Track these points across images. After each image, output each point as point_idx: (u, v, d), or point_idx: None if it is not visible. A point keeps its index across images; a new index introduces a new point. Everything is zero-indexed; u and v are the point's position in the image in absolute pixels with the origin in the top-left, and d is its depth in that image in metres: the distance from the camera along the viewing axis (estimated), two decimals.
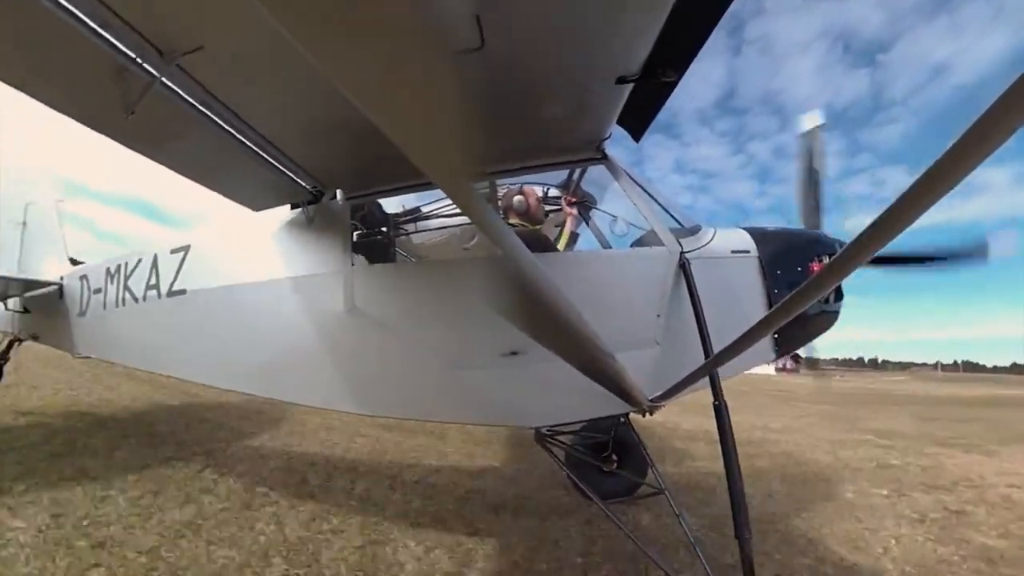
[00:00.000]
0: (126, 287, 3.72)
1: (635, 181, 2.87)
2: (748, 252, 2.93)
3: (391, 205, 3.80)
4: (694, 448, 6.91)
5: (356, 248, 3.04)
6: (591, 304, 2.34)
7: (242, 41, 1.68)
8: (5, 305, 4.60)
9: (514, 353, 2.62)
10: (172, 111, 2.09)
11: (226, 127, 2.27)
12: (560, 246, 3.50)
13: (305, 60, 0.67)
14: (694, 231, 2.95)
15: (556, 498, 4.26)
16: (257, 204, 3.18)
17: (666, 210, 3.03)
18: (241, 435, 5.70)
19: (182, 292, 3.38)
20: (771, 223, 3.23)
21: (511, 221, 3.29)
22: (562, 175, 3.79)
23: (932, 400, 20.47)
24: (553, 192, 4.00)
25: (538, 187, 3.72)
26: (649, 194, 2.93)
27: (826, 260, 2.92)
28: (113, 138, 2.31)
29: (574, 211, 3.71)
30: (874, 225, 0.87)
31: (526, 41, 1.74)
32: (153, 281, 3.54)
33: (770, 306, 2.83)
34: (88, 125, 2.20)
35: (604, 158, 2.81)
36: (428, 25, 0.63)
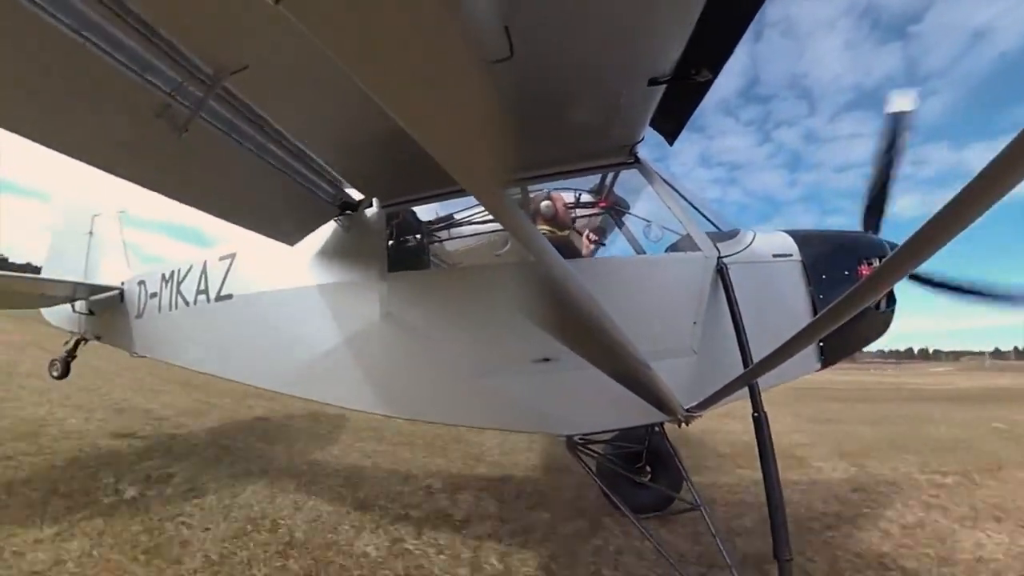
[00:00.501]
0: (178, 292, 3.96)
1: (669, 184, 2.81)
2: (790, 256, 2.81)
3: (425, 212, 3.86)
4: (734, 459, 6.64)
5: (391, 255, 3.10)
6: (625, 311, 2.30)
7: (284, 57, 1.73)
8: (73, 307, 4.96)
9: (546, 360, 2.61)
10: (213, 146, 2.20)
11: (270, 146, 2.39)
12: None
13: (342, 73, 0.70)
14: (732, 235, 2.86)
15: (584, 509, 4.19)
16: (293, 238, 3.26)
17: (702, 214, 2.95)
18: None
19: (228, 297, 3.57)
20: (804, 213, 3.09)
21: (538, 227, 3.28)
22: (595, 179, 3.75)
23: (917, 396, 18.78)
24: (585, 197, 3.96)
25: (568, 192, 3.69)
26: (684, 197, 2.87)
27: (876, 263, 2.77)
28: (159, 191, 2.44)
29: (591, 236, 3.61)
30: (932, 223, 0.80)
31: (555, 48, 1.74)
32: (203, 286, 3.75)
33: (814, 313, 2.70)
34: (134, 181, 2.34)
35: (637, 162, 2.77)
36: (458, 38, 0.64)
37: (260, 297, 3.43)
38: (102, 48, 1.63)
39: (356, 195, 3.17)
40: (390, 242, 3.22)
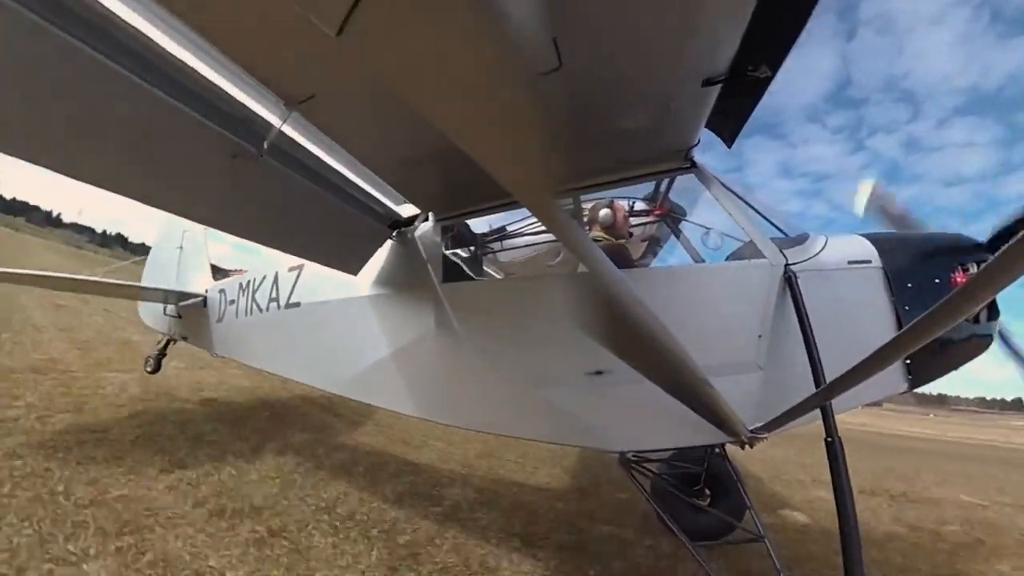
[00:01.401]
0: (253, 299, 4.32)
1: (729, 189, 2.66)
2: (869, 262, 2.54)
3: (479, 224, 3.94)
4: (807, 488, 6.15)
5: (445, 266, 3.19)
6: (683, 323, 2.21)
7: (346, 83, 1.84)
8: (165, 311, 5.56)
9: (599, 372, 2.55)
10: (279, 185, 2.39)
11: (330, 177, 2.57)
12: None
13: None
14: (800, 240, 2.65)
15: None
16: (355, 267, 3.40)
17: (766, 218, 2.76)
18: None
19: (297, 305, 3.85)
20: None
21: (594, 234, 3.24)
22: (649, 187, 3.65)
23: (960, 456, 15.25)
24: (639, 205, 3.86)
25: (624, 200, 3.62)
26: (746, 202, 2.70)
27: (973, 269, 2.46)
28: (231, 232, 2.73)
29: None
30: None
31: (603, 56, 1.71)
32: (274, 295, 4.08)
33: (899, 326, 2.44)
34: (207, 221, 2.65)
35: (693, 166, 2.64)
36: (508, 55, 0.66)
37: (324, 306, 3.66)
38: (176, 97, 1.82)
39: (407, 212, 3.32)
40: (445, 254, 3.31)
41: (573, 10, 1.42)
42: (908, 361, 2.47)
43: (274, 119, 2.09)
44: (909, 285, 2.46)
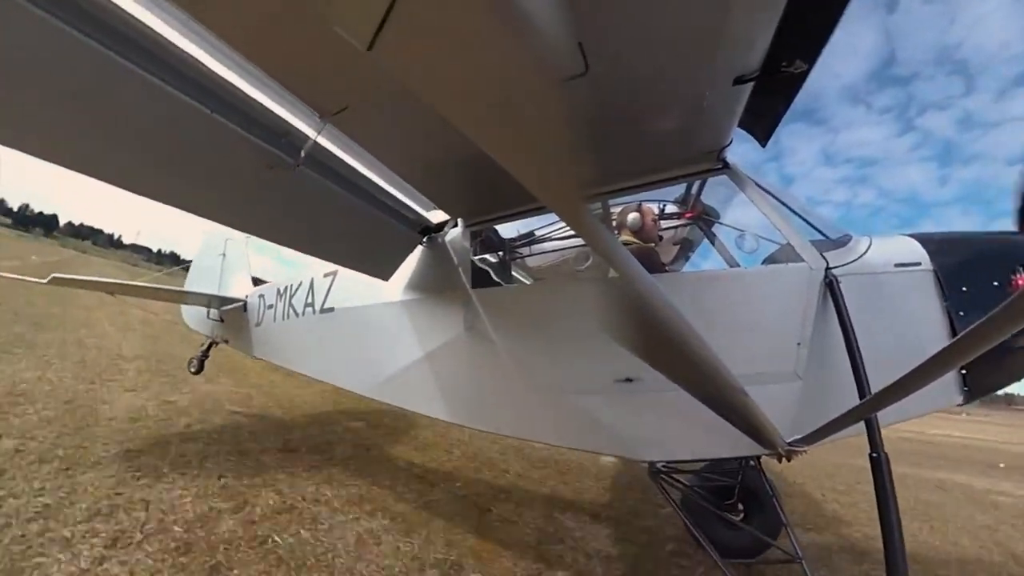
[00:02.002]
0: (290, 304, 4.49)
1: (764, 189, 2.57)
2: (918, 264, 2.38)
3: (507, 230, 3.96)
4: (851, 507, 5.83)
5: (474, 272, 3.22)
6: (716, 329, 2.15)
7: (377, 94, 1.89)
8: (208, 315, 5.84)
9: (629, 380, 2.50)
10: (315, 194, 2.49)
11: (362, 185, 2.65)
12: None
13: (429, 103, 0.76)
14: (842, 242, 2.52)
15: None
16: (387, 272, 3.51)
17: (805, 220, 2.64)
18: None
19: (331, 310, 3.97)
20: (961, 217, 2.62)
21: (623, 238, 3.19)
22: (680, 189, 3.58)
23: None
24: (670, 208, 3.79)
25: (652, 204, 3.56)
26: (782, 202, 2.60)
27: None
28: (268, 238, 2.89)
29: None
30: None
31: (630, 58, 1.68)
32: (310, 300, 4.22)
33: (952, 333, 2.29)
34: (247, 229, 2.80)
35: (725, 167, 2.57)
36: (532, 62, 0.66)
37: (357, 311, 3.77)
38: (219, 111, 1.93)
39: (437, 219, 3.37)
40: (474, 259, 3.34)
41: (597, 13, 1.41)
42: (963, 371, 2.31)
43: (309, 131, 2.17)
44: (964, 289, 2.30)
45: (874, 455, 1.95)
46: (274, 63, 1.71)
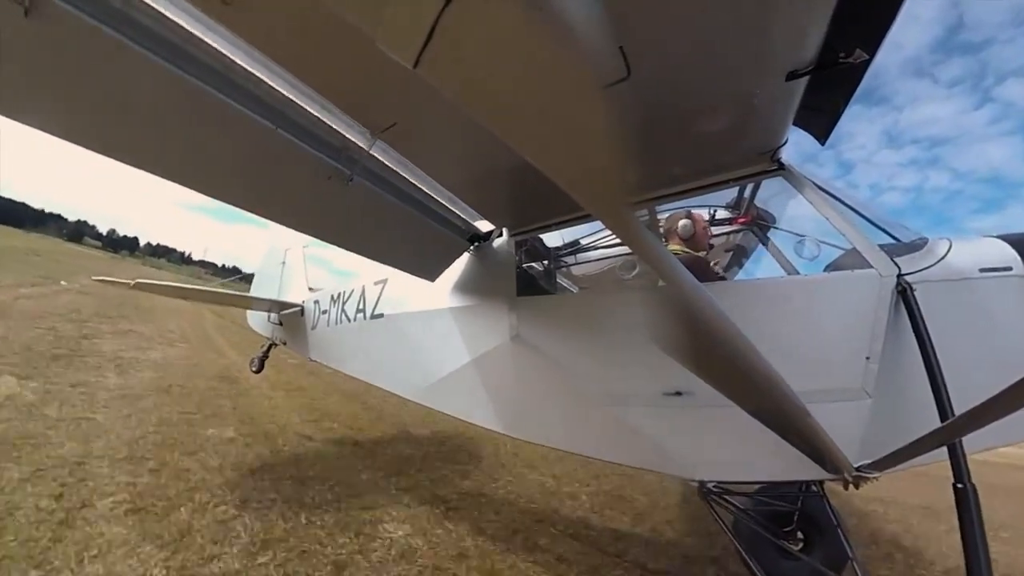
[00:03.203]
0: (343, 310, 4.70)
1: (824, 190, 2.40)
2: (1009, 269, 2.14)
3: (552, 238, 3.96)
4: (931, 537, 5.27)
5: (520, 280, 3.23)
6: (775, 342, 2.03)
7: (424, 110, 1.97)
8: (269, 318, 6.25)
9: (678, 393, 2.41)
10: (373, 202, 2.64)
11: (413, 194, 2.77)
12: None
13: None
14: (917, 246, 2.30)
15: None
16: (434, 274, 3.59)
17: (873, 222, 2.44)
18: None
19: (380, 316, 4.12)
20: None
21: (672, 247, 3.09)
22: (732, 193, 3.42)
23: None
24: (721, 213, 3.62)
25: (703, 209, 3.42)
26: (846, 204, 2.42)
27: None
28: (326, 240, 3.06)
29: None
30: None
31: (673, 59, 1.62)
32: (361, 306, 4.40)
33: None
34: (307, 230, 2.99)
35: (781, 168, 2.42)
36: (573, 71, 0.67)
37: (405, 317, 3.88)
38: (283, 128, 2.12)
39: (485, 227, 3.42)
40: (519, 268, 3.36)
41: (637, 15, 1.36)
42: None
43: (363, 146, 2.32)
44: None
45: (959, 485, 1.75)
46: (327, 84, 1.86)
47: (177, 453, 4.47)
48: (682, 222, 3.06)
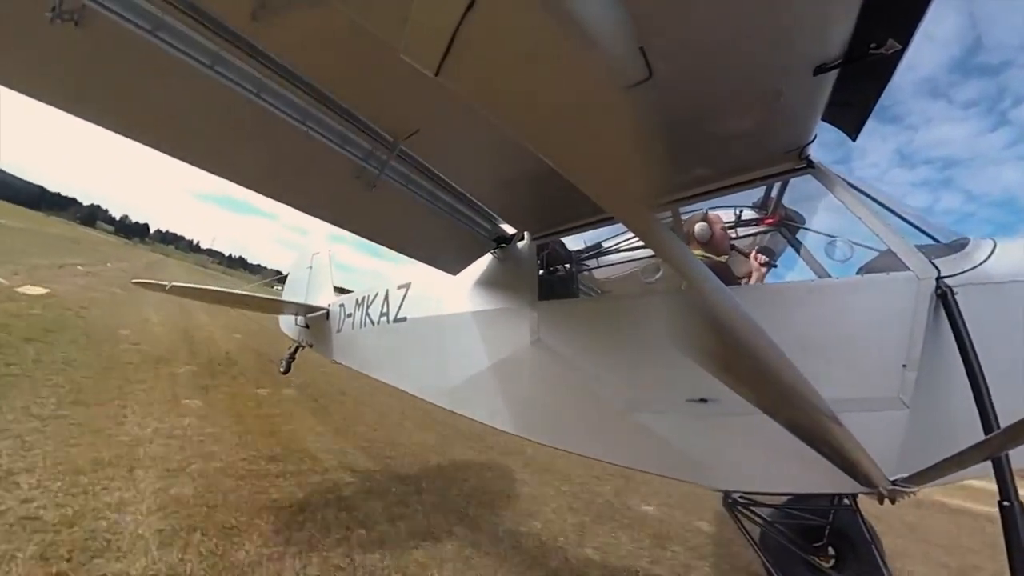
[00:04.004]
0: (367, 313, 4.79)
1: (857, 189, 2.30)
2: None
3: (574, 242, 3.94)
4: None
5: (541, 284, 3.22)
6: (804, 348, 1.96)
7: (445, 118, 2.02)
8: (296, 321, 6.43)
9: (703, 400, 2.35)
10: (399, 199, 2.74)
11: (439, 192, 2.86)
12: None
13: (494, 124, 0.79)
14: (957, 247, 2.17)
15: None
16: (456, 268, 3.72)
17: (908, 221, 2.31)
18: None
19: (403, 320, 4.18)
20: None
21: (693, 252, 3.01)
22: (758, 193, 3.32)
23: None
24: (748, 214, 3.51)
25: (727, 210, 3.33)
26: (880, 203, 2.30)
27: None
28: (355, 232, 3.17)
29: (762, 269, 3.05)
30: None
31: (697, 58, 1.58)
32: (385, 310, 4.47)
33: None
34: (335, 222, 3.11)
35: (809, 166, 2.32)
36: (593, 75, 0.67)
37: (428, 321, 3.93)
38: (317, 131, 2.26)
39: (508, 229, 3.44)
40: (540, 272, 3.35)
41: (657, 15, 1.34)
42: None
43: (387, 150, 2.40)
44: None
45: (1005, 504, 1.66)
46: (351, 93, 1.98)
47: None
48: (698, 225, 2.94)
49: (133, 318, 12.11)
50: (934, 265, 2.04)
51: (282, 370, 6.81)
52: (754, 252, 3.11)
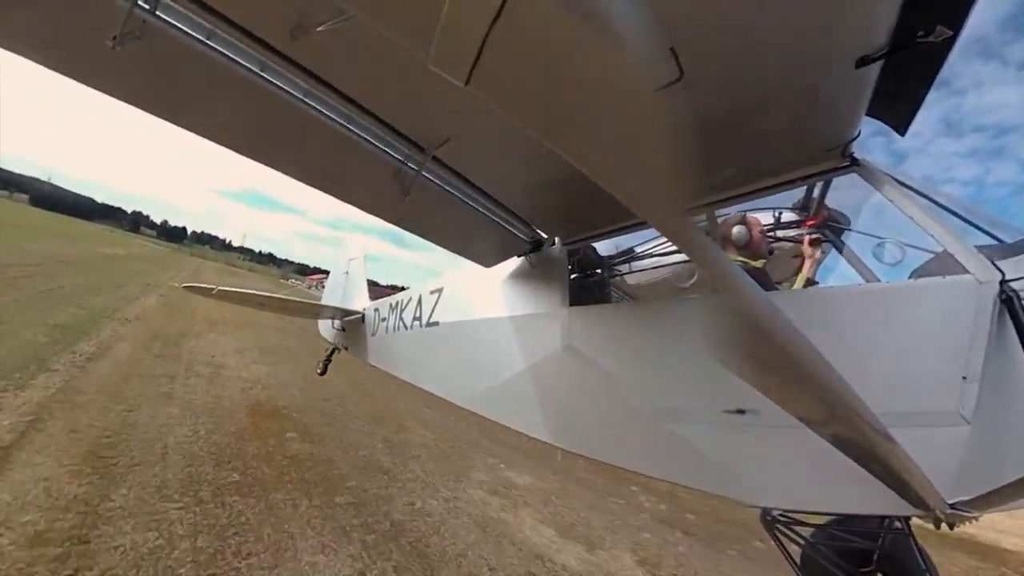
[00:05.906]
0: (400, 318, 4.91)
1: (907, 186, 2.14)
2: None
3: (605, 247, 3.91)
4: None
5: (573, 289, 3.20)
6: (852, 358, 1.85)
7: (476, 126, 2.06)
8: (333, 325, 6.62)
9: (740, 411, 2.25)
10: (435, 197, 2.82)
11: (473, 193, 2.89)
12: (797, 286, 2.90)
13: (524, 131, 0.80)
14: (1023, 247, 1.99)
15: None
16: (489, 262, 3.81)
17: (967, 220, 2.13)
18: None
19: (436, 324, 4.26)
20: None
21: (730, 257, 2.90)
22: (799, 193, 3.18)
23: None
24: (787, 216, 3.37)
25: (766, 212, 3.21)
26: (933, 200, 2.14)
27: None
28: (396, 224, 3.27)
29: (815, 252, 2.92)
30: None
31: (729, 56, 1.53)
32: (418, 314, 4.57)
33: None
34: (375, 215, 3.21)
35: (854, 164, 2.19)
36: (622, 77, 0.66)
37: (459, 325, 3.98)
38: (359, 135, 2.35)
39: (543, 233, 3.44)
40: (572, 277, 3.33)
41: (688, 14, 1.30)
42: None
43: (420, 158, 2.48)
44: None
45: None
46: (385, 106, 2.07)
47: None
48: (736, 228, 2.81)
49: None
50: (997, 267, 1.86)
51: (319, 372, 7.04)
52: (807, 239, 2.96)
